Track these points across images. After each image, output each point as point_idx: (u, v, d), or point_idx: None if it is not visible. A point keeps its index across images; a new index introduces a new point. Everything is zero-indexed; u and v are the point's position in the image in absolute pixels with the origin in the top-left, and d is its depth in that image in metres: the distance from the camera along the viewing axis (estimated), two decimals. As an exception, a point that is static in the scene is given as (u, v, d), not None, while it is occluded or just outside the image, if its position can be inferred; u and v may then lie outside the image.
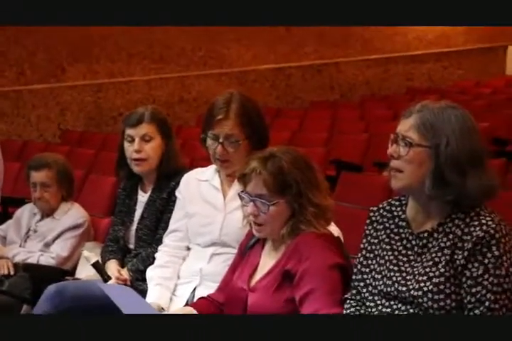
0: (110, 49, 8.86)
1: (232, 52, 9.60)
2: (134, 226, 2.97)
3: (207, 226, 2.58)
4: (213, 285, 2.41)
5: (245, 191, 2.18)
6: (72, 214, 3.45)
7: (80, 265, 3.17)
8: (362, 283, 2.03)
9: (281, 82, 10.04)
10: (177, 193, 2.74)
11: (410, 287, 1.89)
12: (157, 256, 2.71)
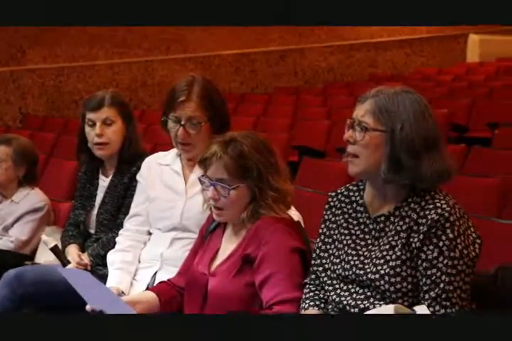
0: (72, 32, 8.74)
1: (196, 36, 9.55)
2: (95, 210, 2.95)
3: (168, 210, 2.57)
4: (174, 270, 2.41)
5: (206, 175, 2.18)
6: (32, 198, 3.43)
7: (40, 249, 3.15)
8: (321, 268, 2.04)
9: (245, 68, 10.02)
10: (138, 177, 2.73)
11: (368, 270, 1.90)
12: (118, 240, 2.69)
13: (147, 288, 2.48)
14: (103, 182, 2.98)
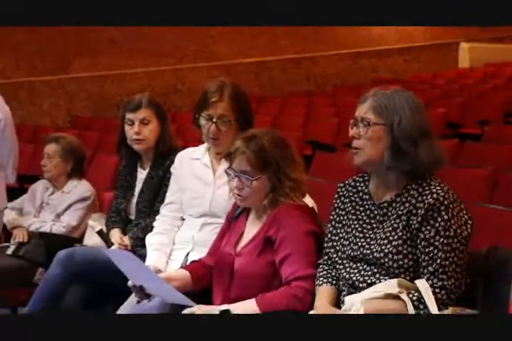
0: (112, 44, 8.78)
1: (220, 47, 9.55)
2: (135, 199, 2.97)
3: (198, 199, 2.57)
4: (204, 250, 2.41)
5: (231, 168, 2.18)
6: (80, 189, 3.46)
7: (87, 233, 3.17)
8: (332, 249, 2.04)
9: (263, 74, 10.02)
10: (172, 170, 2.73)
11: (373, 250, 1.91)
12: (155, 224, 2.70)
13: (181, 267, 2.48)
14: (141, 174, 2.99)
